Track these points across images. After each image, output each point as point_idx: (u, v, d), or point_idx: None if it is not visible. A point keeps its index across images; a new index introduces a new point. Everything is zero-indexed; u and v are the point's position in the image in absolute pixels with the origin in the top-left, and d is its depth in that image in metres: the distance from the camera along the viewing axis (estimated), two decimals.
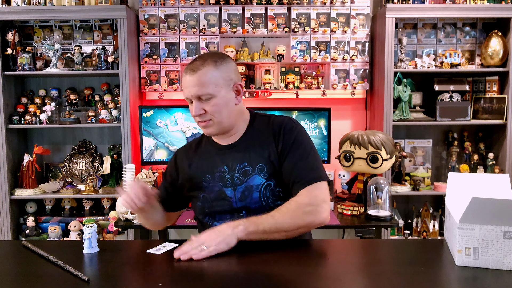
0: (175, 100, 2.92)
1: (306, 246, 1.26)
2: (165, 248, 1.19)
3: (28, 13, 2.67)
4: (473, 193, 1.01)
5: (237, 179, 1.33)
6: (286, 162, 1.31)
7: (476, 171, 2.81)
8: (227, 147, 1.39)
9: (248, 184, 1.32)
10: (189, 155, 1.45)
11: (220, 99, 1.29)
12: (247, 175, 1.33)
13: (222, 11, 2.84)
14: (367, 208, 2.24)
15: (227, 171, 1.35)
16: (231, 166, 1.35)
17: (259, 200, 1.32)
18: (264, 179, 1.32)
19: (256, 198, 1.32)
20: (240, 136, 1.39)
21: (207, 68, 1.27)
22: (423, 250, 1.20)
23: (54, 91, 2.91)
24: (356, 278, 1.02)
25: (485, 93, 2.85)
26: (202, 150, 1.43)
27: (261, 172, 1.32)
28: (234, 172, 1.34)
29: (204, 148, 1.44)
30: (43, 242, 2.06)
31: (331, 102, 2.90)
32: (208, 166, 1.38)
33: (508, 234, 0.99)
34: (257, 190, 1.32)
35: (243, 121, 1.40)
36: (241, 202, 1.33)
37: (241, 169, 1.34)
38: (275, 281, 0.98)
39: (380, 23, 2.74)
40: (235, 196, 1.34)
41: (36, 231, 2.76)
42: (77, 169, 2.95)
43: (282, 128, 1.35)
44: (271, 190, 1.32)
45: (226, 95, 1.30)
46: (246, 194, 1.32)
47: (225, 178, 1.35)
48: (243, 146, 1.37)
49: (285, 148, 1.32)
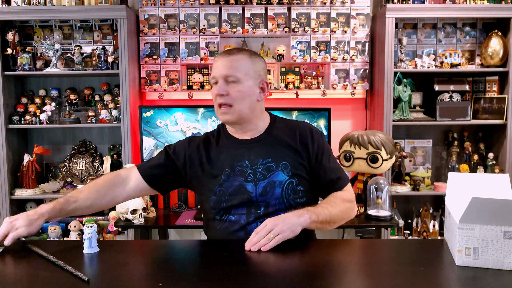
0: (175, 100, 2.92)
1: (306, 246, 1.26)
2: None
3: (28, 13, 2.67)
4: (473, 193, 1.01)
5: (260, 174, 1.35)
6: (322, 163, 1.39)
7: (476, 171, 2.82)
8: (249, 141, 1.40)
9: (271, 179, 1.34)
10: (207, 147, 1.43)
11: (245, 87, 1.34)
12: (270, 171, 1.35)
13: (222, 11, 2.84)
14: (367, 208, 2.24)
15: (248, 166, 1.36)
16: (253, 160, 1.36)
17: (280, 196, 1.34)
18: (287, 177, 1.35)
19: (278, 194, 1.34)
20: (261, 132, 1.41)
21: (242, 56, 1.35)
22: (423, 250, 1.20)
23: (54, 91, 2.91)
24: (356, 278, 1.02)
25: (485, 93, 2.85)
26: (221, 144, 1.42)
27: (285, 169, 1.35)
28: (257, 167, 1.35)
29: (223, 142, 1.43)
30: (43, 242, 2.06)
31: (331, 102, 2.90)
32: (228, 160, 1.38)
33: (508, 234, 0.99)
34: (280, 187, 1.34)
35: (262, 120, 1.43)
36: (262, 197, 1.34)
37: (264, 164, 1.35)
38: (275, 281, 0.98)
39: (380, 23, 2.74)
40: (256, 191, 1.34)
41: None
42: (77, 169, 2.96)
43: (313, 132, 1.42)
44: (293, 187, 1.35)
45: (252, 87, 1.36)
46: (268, 189, 1.34)
47: (247, 172, 1.35)
48: (266, 143, 1.39)
49: (318, 151, 1.39)
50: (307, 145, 1.39)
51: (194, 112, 2.66)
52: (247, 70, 1.34)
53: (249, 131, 1.40)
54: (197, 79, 2.86)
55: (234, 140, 1.41)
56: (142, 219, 2.20)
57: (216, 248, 1.24)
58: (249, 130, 1.40)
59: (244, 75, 1.33)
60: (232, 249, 1.19)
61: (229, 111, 1.33)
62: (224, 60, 1.34)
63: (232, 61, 1.33)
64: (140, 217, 2.18)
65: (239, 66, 1.33)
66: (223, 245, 1.25)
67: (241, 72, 1.33)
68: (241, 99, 1.33)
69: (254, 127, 1.40)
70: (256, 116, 1.40)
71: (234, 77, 1.32)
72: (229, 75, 1.32)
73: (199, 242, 1.34)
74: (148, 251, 1.27)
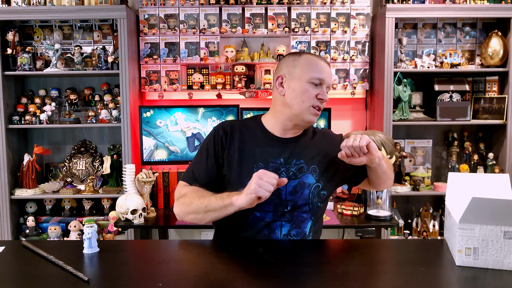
0: (175, 100, 2.92)
1: (306, 246, 1.27)
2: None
3: (28, 13, 2.67)
4: (473, 193, 1.01)
5: (292, 174, 1.36)
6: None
7: (476, 171, 2.81)
8: (287, 140, 1.41)
9: (301, 180, 1.37)
10: (242, 136, 1.41)
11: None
12: (301, 172, 1.37)
13: (222, 11, 2.84)
14: (367, 208, 2.24)
15: (282, 163, 1.37)
16: (288, 159, 1.38)
17: (307, 197, 1.36)
18: (315, 180, 1.38)
19: (306, 195, 1.36)
20: (299, 134, 1.44)
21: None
22: (423, 250, 1.20)
23: (54, 91, 2.91)
24: (356, 278, 1.02)
25: (485, 93, 2.85)
26: (255, 137, 1.41)
27: (314, 173, 1.39)
28: (290, 166, 1.37)
29: (258, 136, 1.42)
30: (43, 242, 2.06)
31: (331, 102, 2.90)
32: (262, 154, 1.38)
33: (508, 234, 0.99)
34: (308, 188, 1.37)
35: None
36: (291, 196, 1.35)
37: (297, 164, 1.38)
38: (275, 281, 0.98)
39: (380, 23, 2.74)
40: (286, 189, 1.35)
41: (36, 231, 2.76)
42: (77, 169, 2.96)
43: (340, 139, 1.48)
44: (318, 191, 1.38)
45: None
46: (298, 189, 1.36)
47: (280, 170, 1.36)
48: (302, 144, 1.42)
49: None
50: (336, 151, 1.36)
51: (194, 112, 2.66)
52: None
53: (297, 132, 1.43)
54: (197, 79, 2.86)
55: (271, 137, 1.41)
56: (142, 219, 2.20)
57: (216, 248, 1.24)
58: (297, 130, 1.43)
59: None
60: (232, 249, 1.19)
61: (319, 114, 1.39)
62: (327, 67, 1.39)
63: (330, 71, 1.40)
64: (140, 217, 2.18)
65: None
66: (223, 245, 1.25)
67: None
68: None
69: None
70: None
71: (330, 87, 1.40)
72: (330, 85, 1.40)
73: (199, 242, 1.34)
74: (148, 251, 1.27)
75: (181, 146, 2.67)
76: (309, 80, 1.35)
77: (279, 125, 1.41)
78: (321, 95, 1.36)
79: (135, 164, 2.56)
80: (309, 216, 1.38)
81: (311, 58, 1.38)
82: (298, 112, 1.36)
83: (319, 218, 1.45)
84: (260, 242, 1.29)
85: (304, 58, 1.38)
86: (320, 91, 1.36)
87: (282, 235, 1.34)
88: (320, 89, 1.36)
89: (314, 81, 1.35)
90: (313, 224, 1.39)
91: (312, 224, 1.39)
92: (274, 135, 1.42)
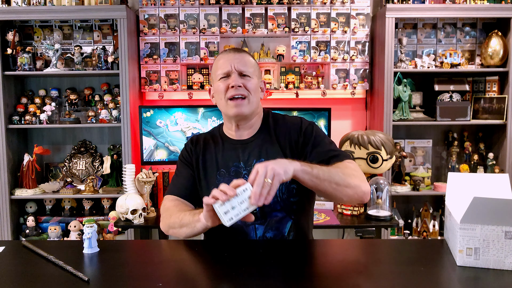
0: (175, 100, 2.92)
1: (306, 246, 1.26)
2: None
3: (28, 13, 2.67)
4: (473, 193, 1.01)
5: None
6: (316, 147, 1.34)
7: (476, 171, 2.81)
8: (243, 142, 1.40)
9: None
10: (205, 145, 1.43)
11: (255, 83, 1.37)
12: None
13: (222, 11, 2.84)
14: (367, 208, 2.24)
15: (243, 167, 1.36)
16: (248, 161, 1.36)
17: (276, 195, 1.30)
18: None
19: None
20: (255, 132, 1.41)
21: (247, 54, 1.41)
22: (423, 250, 1.20)
23: (54, 91, 2.91)
24: (356, 278, 1.02)
25: (485, 93, 2.85)
26: (217, 144, 1.43)
27: None
28: (251, 168, 1.33)
29: (219, 142, 1.43)
30: (43, 242, 2.06)
31: (331, 102, 2.91)
32: (223, 159, 1.38)
33: (509, 234, 0.99)
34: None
35: (259, 116, 1.44)
36: None
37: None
38: (275, 281, 0.98)
39: (380, 23, 2.74)
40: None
41: (36, 231, 2.76)
42: (77, 169, 2.95)
43: (302, 124, 1.39)
44: (287, 186, 1.33)
45: (258, 84, 1.40)
46: None
47: (242, 173, 1.35)
48: (259, 142, 1.39)
49: (309, 140, 1.36)
50: (297, 139, 1.37)
51: (194, 112, 2.66)
52: (255, 68, 1.39)
53: (248, 129, 1.40)
54: (197, 79, 2.85)
55: (229, 141, 1.42)
56: (142, 219, 2.20)
57: (216, 248, 1.24)
58: (248, 128, 1.40)
59: (253, 72, 1.37)
60: (232, 249, 1.19)
61: (244, 102, 1.34)
62: (236, 55, 1.36)
63: (244, 57, 1.37)
64: (140, 217, 2.18)
65: (249, 63, 1.37)
66: (223, 245, 1.25)
67: (252, 69, 1.37)
68: (254, 91, 1.35)
69: (252, 124, 1.41)
70: (258, 114, 1.42)
71: (247, 72, 1.35)
72: (244, 71, 1.34)
73: (199, 242, 1.33)
74: (148, 251, 1.27)
75: (181, 146, 2.67)
76: (218, 78, 1.37)
77: (229, 129, 1.43)
78: (230, 83, 1.33)
79: (135, 164, 2.55)
80: (285, 215, 1.33)
81: (217, 58, 1.40)
82: (223, 110, 1.38)
83: (302, 217, 1.38)
84: (260, 242, 1.29)
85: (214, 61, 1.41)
86: (229, 81, 1.34)
87: (257, 237, 1.32)
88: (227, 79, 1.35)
89: (221, 76, 1.36)
90: (295, 224, 1.34)
91: (292, 223, 1.34)
92: (232, 139, 1.42)
